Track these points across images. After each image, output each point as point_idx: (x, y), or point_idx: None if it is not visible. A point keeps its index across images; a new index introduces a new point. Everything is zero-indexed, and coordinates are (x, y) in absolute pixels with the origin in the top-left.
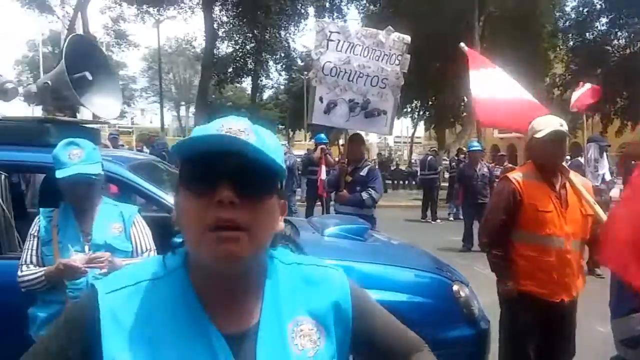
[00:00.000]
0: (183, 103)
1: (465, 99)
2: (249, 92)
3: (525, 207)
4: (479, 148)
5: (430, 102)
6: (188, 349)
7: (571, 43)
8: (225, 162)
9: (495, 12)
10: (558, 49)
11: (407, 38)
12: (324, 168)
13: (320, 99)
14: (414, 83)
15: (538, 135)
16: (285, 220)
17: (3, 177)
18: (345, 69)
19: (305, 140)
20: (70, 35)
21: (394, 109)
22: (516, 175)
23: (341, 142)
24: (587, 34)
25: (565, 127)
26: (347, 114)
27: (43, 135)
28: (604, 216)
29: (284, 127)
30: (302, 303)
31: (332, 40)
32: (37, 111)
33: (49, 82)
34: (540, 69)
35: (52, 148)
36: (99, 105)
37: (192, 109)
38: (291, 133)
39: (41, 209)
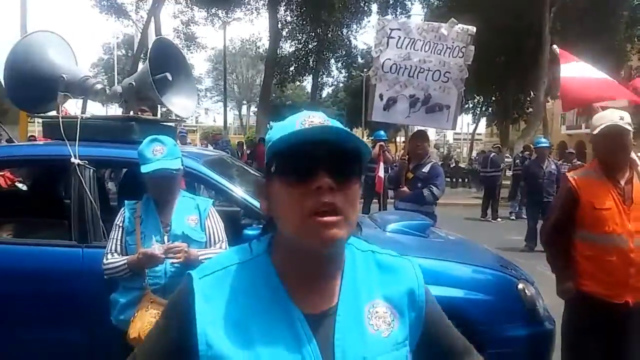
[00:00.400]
0: (245, 102)
1: (532, 94)
2: (308, 90)
3: (582, 205)
4: (547, 144)
5: (493, 98)
6: (271, 326)
7: None
8: (319, 151)
9: (568, 1)
10: (636, 40)
11: (472, 29)
12: (382, 165)
13: (380, 96)
14: (476, 78)
15: (595, 131)
16: None
17: (92, 171)
18: (405, 65)
19: (363, 137)
20: (155, 39)
21: (457, 103)
22: (575, 174)
23: (401, 139)
24: None
25: (625, 121)
26: (408, 109)
27: (127, 132)
28: None
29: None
30: (378, 287)
31: (392, 38)
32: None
33: (134, 82)
34: (616, 61)
35: (136, 145)
36: (177, 105)
37: (253, 108)
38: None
39: (126, 202)
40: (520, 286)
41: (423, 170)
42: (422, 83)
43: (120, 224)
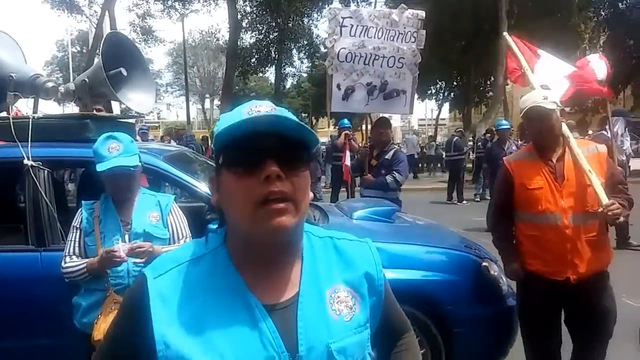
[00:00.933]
0: (208, 96)
1: (492, 78)
2: (272, 81)
3: (516, 187)
4: (508, 126)
5: (455, 83)
6: (231, 321)
7: (602, 15)
8: (265, 140)
9: None
10: (589, 21)
11: (421, 13)
12: (348, 154)
13: (338, 86)
14: (438, 63)
15: (521, 114)
16: (314, 205)
17: (46, 172)
18: (360, 53)
19: (329, 127)
20: (107, 33)
21: (413, 88)
22: (510, 157)
23: (367, 127)
24: (620, 3)
25: (549, 100)
26: (366, 98)
27: (82, 131)
28: (601, 191)
29: (306, 115)
30: (338, 272)
31: (345, 26)
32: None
33: (87, 79)
34: (572, 42)
35: (91, 143)
36: (134, 100)
37: (216, 101)
38: (314, 120)
39: (83, 202)
40: (484, 265)
41: (386, 157)
42: (377, 70)
43: (78, 225)
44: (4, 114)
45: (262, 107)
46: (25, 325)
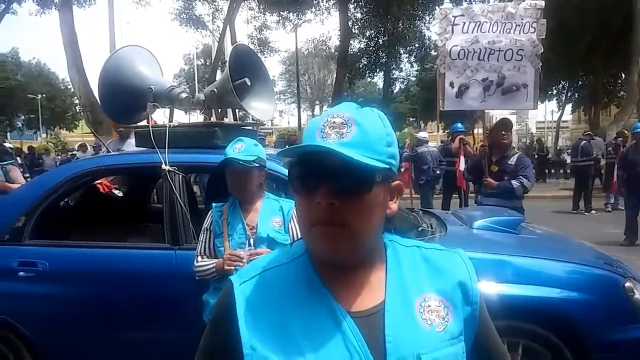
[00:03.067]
0: (317, 102)
1: (623, 77)
2: (380, 86)
3: None
4: None
5: (579, 82)
6: (315, 325)
7: None
8: (323, 164)
9: None
10: None
11: (540, 3)
12: (462, 159)
13: (451, 84)
14: (559, 61)
15: None
16: (430, 213)
17: (181, 176)
18: (474, 49)
19: (438, 131)
20: (234, 46)
21: (535, 81)
22: None
23: (479, 130)
24: None
25: None
26: (482, 94)
27: (212, 138)
28: None
29: (414, 119)
30: (428, 281)
31: (457, 25)
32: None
33: (215, 89)
34: None
35: (220, 149)
36: (257, 109)
37: (325, 107)
38: (422, 125)
39: (213, 204)
40: (628, 285)
41: (509, 162)
42: (494, 65)
43: (209, 227)
44: (143, 122)
45: (338, 118)
46: (161, 318)
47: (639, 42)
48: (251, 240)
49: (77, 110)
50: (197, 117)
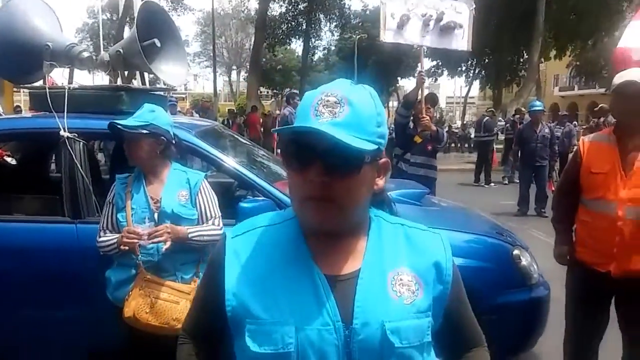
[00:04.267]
0: (235, 67)
1: (525, 55)
2: (299, 54)
3: (582, 169)
4: (541, 108)
5: (486, 60)
6: (294, 283)
7: None
8: (315, 143)
9: None
10: None
11: None
12: None
13: (392, 15)
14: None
15: (612, 88)
16: None
17: (82, 144)
18: None
19: None
20: (142, 3)
21: (470, 22)
22: (589, 137)
23: (393, 104)
24: None
25: None
26: (422, 29)
27: (116, 103)
28: None
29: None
30: (404, 257)
31: None
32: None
33: (121, 50)
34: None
35: (126, 115)
36: (167, 72)
37: (243, 73)
38: None
39: (117, 176)
40: (516, 252)
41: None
42: (433, 1)
43: (111, 200)
44: (39, 83)
45: (332, 96)
46: (62, 295)
47: (541, 23)
48: (155, 215)
49: None
50: (102, 79)
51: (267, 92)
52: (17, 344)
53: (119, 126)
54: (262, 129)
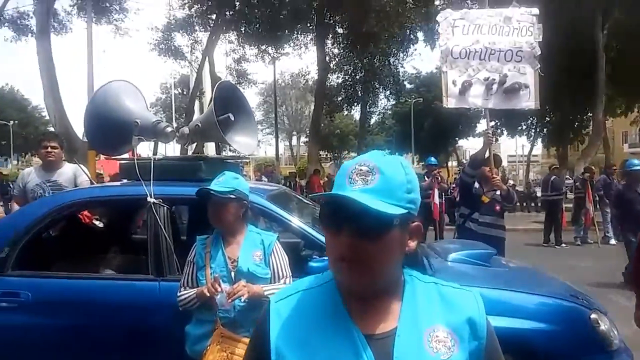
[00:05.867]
0: (295, 133)
1: (589, 114)
2: (356, 118)
3: None
4: None
5: (547, 119)
6: (333, 342)
7: None
8: (347, 208)
9: (622, 18)
10: None
11: (535, 10)
12: (437, 191)
13: (454, 83)
14: None
15: None
16: None
17: (166, 209)
18: (475, 49)
19: (413, 163)
20: (219, 82)
21: (535, 81)
22: None
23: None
24: None
25: None
26: (485, 92)
27: (196, 171)
28: None
29: (389, 151)
30: (439, 315)
31: (457, 27)
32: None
33: (200, 124)
34: None
35: (204, 182)
36: (240, 143)
37: (302, 138)
38: None
39: (197, 237)
40: (593, 317)
41: (497, 192)
42: (495, 65)
43: (192, 260)
44: (126, 155)
45: (364, 166)
46: (144, 348)
47: (602, 81)
48: (232, 274)
49: None
50: (173, 148)
51: (326, 155)
52: None
53: (212, 192)
54: (323, 191)
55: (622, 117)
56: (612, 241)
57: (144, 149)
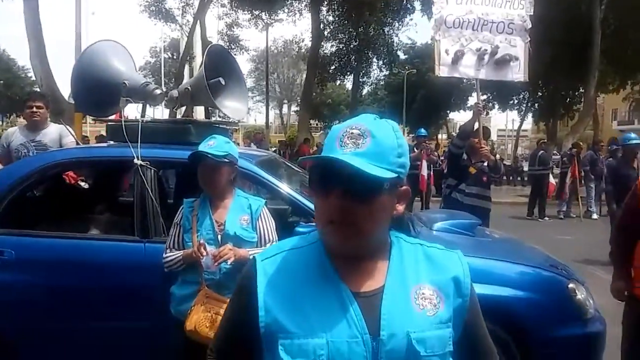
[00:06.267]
0: (286, 101)
1: (581, 90)
2: (349, 88)
3: None
4: (638, 141)
5: (539, 94)
6: (322, 299)
7: None
8: (338, 171)
9: None
10: None
11: None
12: (425, 163)
13: (446, 52)
14: None
15: None
16: None
17: (153, 171)
18: (468, 19)
19: (404, 134)
20: (210, 45)
21: (525, 54)
22: None
23: (442, 136)
24: None
25: None
26: (477, 63)
27: (185, 134)
28: None
29: (379, 115)
30: (425, 273)
31: None
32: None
33: (189, 87)
34: None
35: (192, 146)
36: (230, 108)
37: (293, 107)
38: None
39: (185, 200)
40: (571, 286)
41: (485, 164)
42: (487, 36)
43: (179, 222)
44: (114, 117)
45: (356, 129)
46: (129, 308)
47: (597, 57)
48: (219, 237)
49: None
50: (161, 112)
51: (317, 125)
52: (85, 350)
53: (209, 155)
54: None
55: (614, 94)
56: (595, 216)
57: (132, 112)
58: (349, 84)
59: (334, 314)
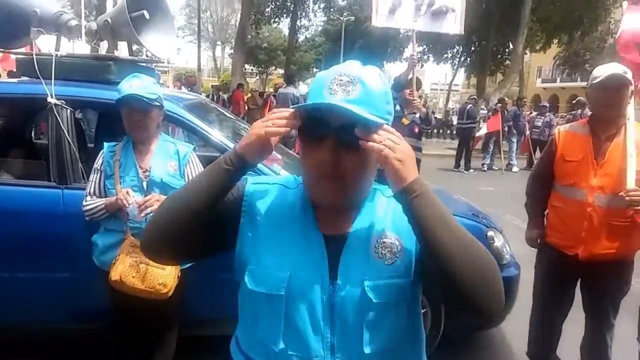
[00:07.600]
0: (219, 43)
1: (511, 46)
2: (285, 33)
3: (557, 157)
4: None
5: (472, 49)
6: (296, 237)
7: None
8: (330, 120)
9: None
10: None
11: None
12: None
13: (384, 0)
14: None
15: (594, 81)
16: None
17: (69, 112)
18: None
19: None
20: None
21: (462, 6)
22: (565, 127)
23: None
24: None
25: (628, 75)
26: (414, 13)
27: (104, 72)
28: (631, 176)
29: (318, 70)
30: (390, 223)
31: None
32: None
33: (109, 19)
34: (595, 15)
35: (113, 85)
36: (155, 44)
37: (227, 50)
38: None
39: (105, 144)
40: (490, 233)
41: (417, 115)
42: None
43: (99, 167)
44: (24, 49)
45: (345, 75)
46: (47, 258)
47: (527, 14)
48: (144, 184)
49: None
50: (82, 47)
51: (252, 70)
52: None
53: (145, 98)
54: (246, 107)
55: (542, 52)
56: (515, 169)
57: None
58: (285, 29)
59: (303, 254)
